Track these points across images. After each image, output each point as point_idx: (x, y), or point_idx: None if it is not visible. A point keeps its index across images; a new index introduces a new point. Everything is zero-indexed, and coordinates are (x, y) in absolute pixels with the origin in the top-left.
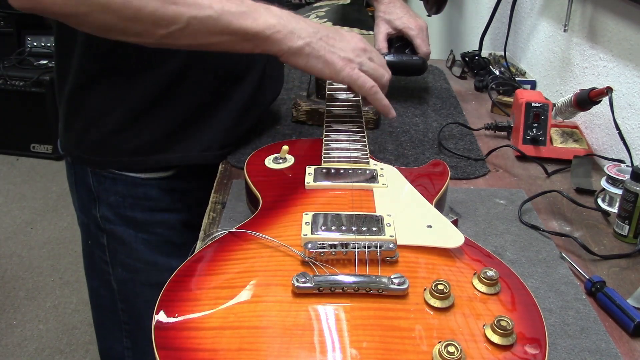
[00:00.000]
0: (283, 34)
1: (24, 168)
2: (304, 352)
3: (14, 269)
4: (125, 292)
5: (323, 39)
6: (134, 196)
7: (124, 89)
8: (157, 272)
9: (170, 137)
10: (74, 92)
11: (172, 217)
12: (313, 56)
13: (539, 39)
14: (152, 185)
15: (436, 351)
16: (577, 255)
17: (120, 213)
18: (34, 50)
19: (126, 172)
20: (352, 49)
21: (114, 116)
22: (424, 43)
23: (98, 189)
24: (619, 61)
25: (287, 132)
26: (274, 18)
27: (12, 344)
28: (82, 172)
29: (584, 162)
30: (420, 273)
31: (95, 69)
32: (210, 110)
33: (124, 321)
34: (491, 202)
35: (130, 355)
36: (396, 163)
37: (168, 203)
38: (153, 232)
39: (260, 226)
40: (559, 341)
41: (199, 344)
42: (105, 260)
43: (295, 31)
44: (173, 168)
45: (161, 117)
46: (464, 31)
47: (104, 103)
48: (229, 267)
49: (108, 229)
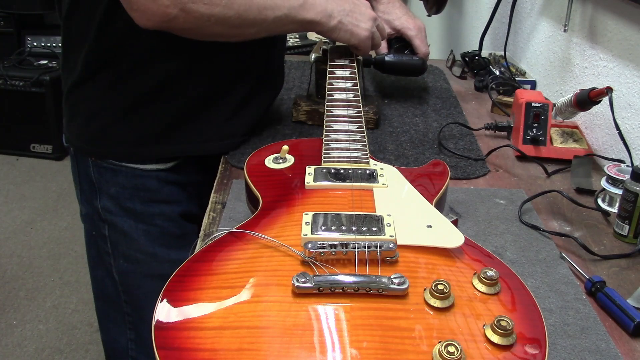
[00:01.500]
0: (326, 17)
1: (24, 168)
2: (304, 352)
3: (14, 269)
4: (127, 283)
5: (349, 14)
6: (133, 187)
7: (126, 82)
8: (157, 263)
9: (171, 129)
10: (77, 85)
11: (171, 208)
12: (343, 30)
13: (539, 39)
14: (151, 177)
15: (436, 351)
16: (577, 255)
17: (121, 204)
18: (34, 50)
19: (126, 163)
20: (368, 19)
21: (116, 107)
22: (422, 44)
23: (99, 181)
24: (619, 61)
25: (287, 132)
26: (318, 6)
27: (12, 344)
28: (84, 164)
29: (584, 162)
30: (420, 273)
31: (99, 62)
32: (210, 102)
33: (127, 313)
34: (491, 202)
35: (133, 347)
36: (396, 163)
37: (167, 195)
38: (152, 223)
39: (260, 226)
40: (559, 341)
41: (199, 344)
42: (108, 251)
43: (331, 13)
44: (173, 160)
45: (163, 109)
46: (464, 31)
47: (106, 94)
48: (229, 267)
49: (109, 219)
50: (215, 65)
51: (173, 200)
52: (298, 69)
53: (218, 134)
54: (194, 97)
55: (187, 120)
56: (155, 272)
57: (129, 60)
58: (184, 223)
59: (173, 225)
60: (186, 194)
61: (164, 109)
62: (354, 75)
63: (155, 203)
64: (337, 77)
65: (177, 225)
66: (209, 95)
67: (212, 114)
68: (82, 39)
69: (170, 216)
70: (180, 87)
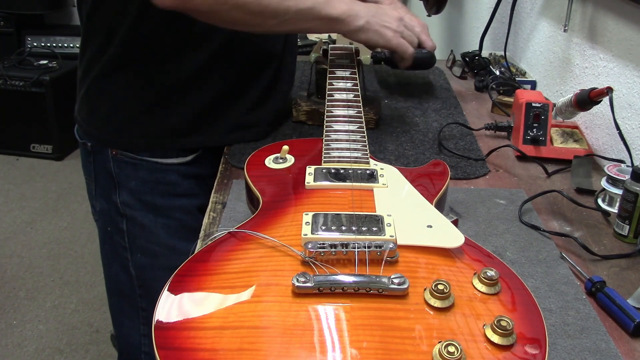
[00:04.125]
0: (352, 16)
1: (24, 168)
2: (304, 352)
3: (14, 269)
4: (144, 277)
5: (375, 16)
6: (154, 181)
7: (153, 76)
8: (176, 256)
9: (196, 121)
10: (101, 78)
11: (190, 202)
12: (371, 31)
13: (539, 39)
14: (172, 171)
15: (436, 351)
16: (577, 255)
17: (141, 198)
18: (34, 50)
19: (148, 157)
20: (395, 19)
21: (142, 100)
22: (428, 38)
23: (119, 175)
24: (619, 61)
25: (287, 132)
26: (344, 4)
27: (12, 344)
28: (102, 159)
29: (584, 162)
30: (420, 273)
31: (128, 57)
32: (234, 94)
33: (142, 307)
34: (491, 202)
35: (147, 342)
36: (396, 163)
37: (186, 188)
38: (172, 217)
39: (260, 226)
40: (559, 341)
41: (199, 344)
42: (124, 246)
43: (358, 13)
44: (193, 152)
45: (188, 102)
46: (464, 31)
47: (132, 88)
48: (229, 267)
49: (128, 214)
50: (239, 58)
51: (192, 193)
52: (298, 69)
53: (240, 125)
54: (219, 90)
55: (210, 112)
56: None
57: (157, 55)
58: (200, 216)
59: (191, 219)
60: (204, 188)
61: (189, 102)
62: (354, 75)
63: (175, 197)
64: (337, 77)
65: (195, 218)
66: (233, 88)
67: (235, 106)
68: (109, 34)
69: (189, 209)
70: (205, 81)
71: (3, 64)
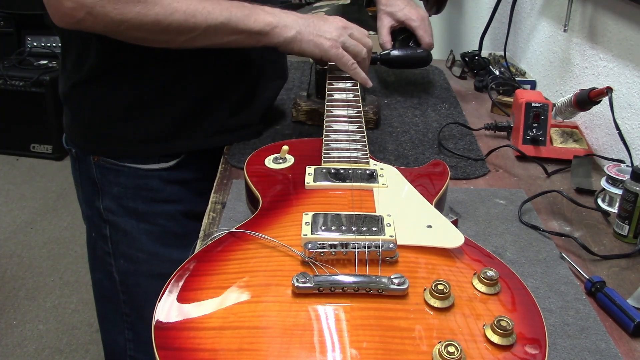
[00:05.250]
0: (279, 28)
1: (24, 168)
2: (304, 352)
3: (14, 269)
4: (127, 283)
5: (310, 25)
6: (136, 187)
7: (131, 82)
8: (159, 262)
9: (176, 126)
10: (80, 85)
11: (173, 207)
12: (304, 42)
13: (539, 39)
14: (154, 177)
15: (436, 351)
16: (577, 255)
17: (123, 204)
18: (34, 50)
19: (129, 163)
20: (335, 28)
21: (121, 107)
22: (426, 34)
23: (101, 181)
24: (619, 61)
25: (287, 132)
26: (270, 16)
27: (12, 344)
28: (86, 165)
29: (584, 162)
30: (420, 273)
31: (105, 64)
32: (215, 99)
33: (126, 313)
34: (491, 202)
35: (132, 347)
36: (396, 163)
37: (169, 194)
38: (154, 223)
39: (260, 226)
40: (559, 341)
41: (199, 344)
42: (108, 251)
43: (288, 24)
44: (176, 157)
45: (167, 108)
46: (464, 31)
47: (110, 94)
48: (229, 267)
49: (111, 220)
50: (216, 63)
51: (175, 199)
52: (298, 69)
53: (226, 128)
54: (198, 95)
55: (192, 117)
56: (156, 272)
57: (133, 63)
58: (187, 222)
59: (175, 225)
60: (189, 192)
61: (168, 108)
62: None
63: (158, 202)
64: (337, 77)
65: (180, 224)
66: (213, 92)
67: (217, 110)
68: (84, 45)
69: (173, 215)
70: (183, 87)
71: (3, 64)
